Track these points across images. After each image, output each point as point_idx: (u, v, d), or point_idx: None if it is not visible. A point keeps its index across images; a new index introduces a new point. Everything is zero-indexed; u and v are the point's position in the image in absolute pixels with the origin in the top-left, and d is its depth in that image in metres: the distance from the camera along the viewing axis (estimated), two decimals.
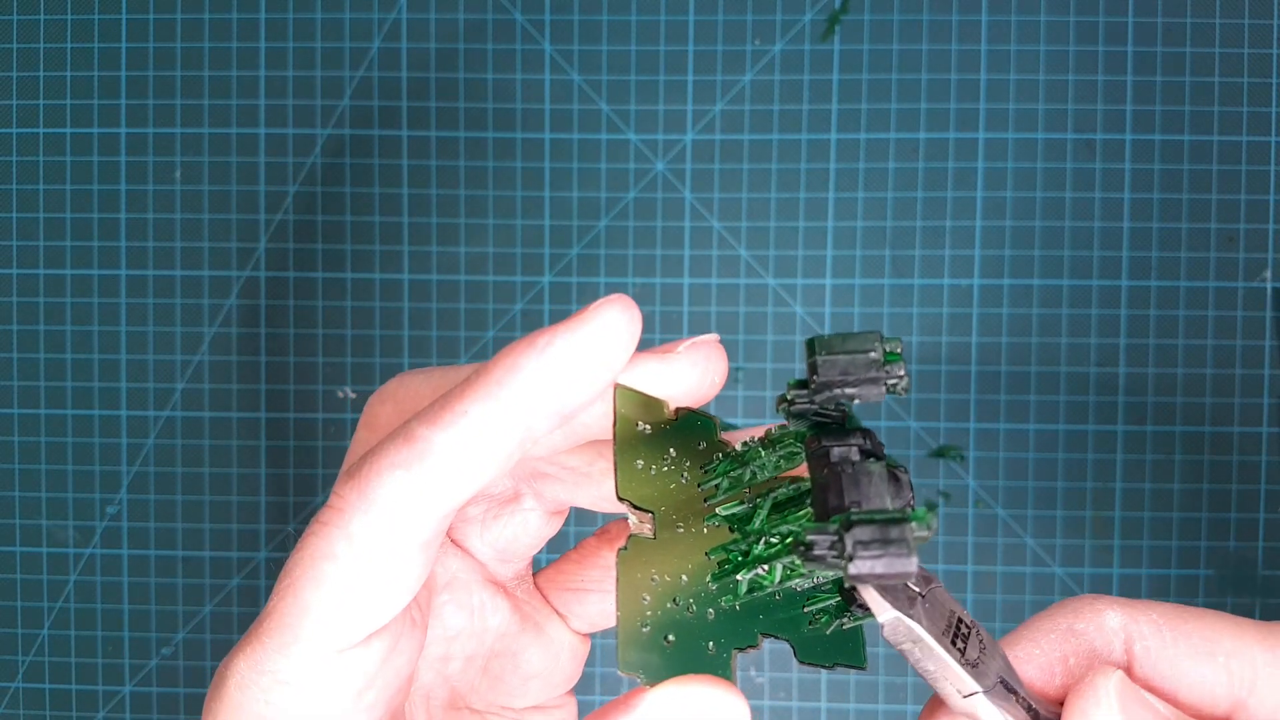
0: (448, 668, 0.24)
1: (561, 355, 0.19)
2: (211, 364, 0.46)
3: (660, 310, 0.45)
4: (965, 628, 0.19)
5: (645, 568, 0.20)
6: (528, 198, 0.45)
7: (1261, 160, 0.44)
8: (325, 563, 0.19)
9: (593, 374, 0.20)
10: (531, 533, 0.25)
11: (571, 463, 0.24)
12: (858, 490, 0.16)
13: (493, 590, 0.25)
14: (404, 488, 0.19)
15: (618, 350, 0.20)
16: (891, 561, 0.15)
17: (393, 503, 0.19)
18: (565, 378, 0.20)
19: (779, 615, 0.21)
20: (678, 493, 0.21)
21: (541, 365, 0.19)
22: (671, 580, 0.20)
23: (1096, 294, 0.44)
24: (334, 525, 0.19)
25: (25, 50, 0.46)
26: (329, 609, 0.19)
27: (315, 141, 0.46)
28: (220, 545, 0.46)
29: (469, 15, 0.45)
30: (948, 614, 0.19)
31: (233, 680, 0.20)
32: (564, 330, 0.20)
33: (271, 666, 0.19)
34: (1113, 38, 0.44)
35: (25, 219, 0.46)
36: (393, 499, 0.19)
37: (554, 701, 0.26)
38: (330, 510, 0.20)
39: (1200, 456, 0.44)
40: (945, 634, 0.18)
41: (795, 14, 0.44)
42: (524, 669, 0.25)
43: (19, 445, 0.46)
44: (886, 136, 0.44)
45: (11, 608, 0.46)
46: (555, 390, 0.20)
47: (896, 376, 0.17)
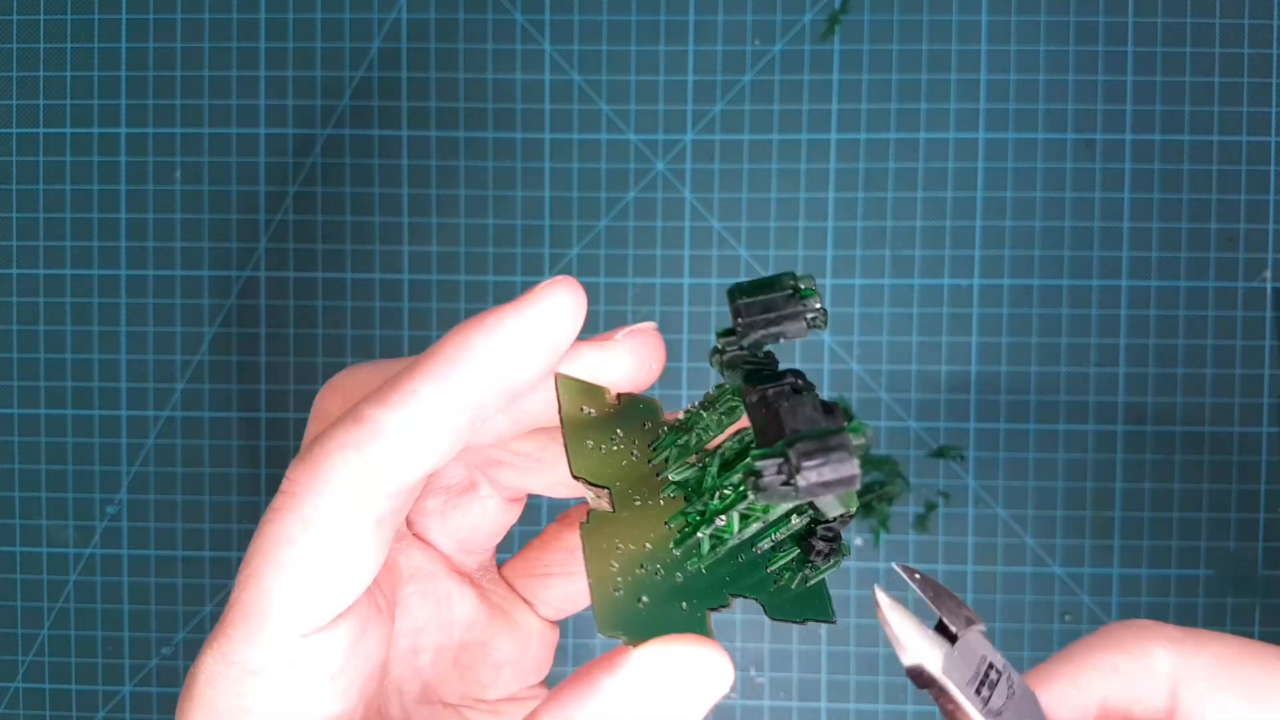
0: (418, 660, 0.24)
1: (509, 334, 0.20)
2: (211, 364, 0.46)
3: (660, 310, 0.45)
4: (996, 673, 0.19)
5: (610, 538, 0.20)
6: (528, 198, 0.45)
7: (1261, 160, 0.44)
8: (283, 548, 0.19)
9: (540, 352, 0.20)
10: (491, 521, 0.25)
11: (524, 449, 0.24)
12: (795, 419, 0.17)
13: (458, 581, 0.25)
14: (355, 467, 0.19)
15: (563, 329, 0.20)
16: (836, 468, 0.16)
17: (345, 483, 0.19)
18: (513, 356, 0.20)
19: (745, 580, 0.21)
20: (630, 469, 0.21)
21: (490, 343, 0.20)
22: (636, 549, 0.20)
23: (1096, 294, 0.44)
24: (288, 510, 0.19)
25: (25, 50, 0.46)
26: (291, 593, 0.19)
27: (315, 142, 0.46)
28: (220, 545, 0.46)
29: (469, 15, 0.45)
30: (979, 659, 0.19)
31: (202, 676, 0.20)
32: (511, 310, 0.20)
33: (239, 657, 0.19)
34: (1113, 38, 0.44)
35: (25, 219, 0.46)
36: (345, 479, 0.19)
37: (527, 692, 0.26)
38: (283, 495, 0.19)
39: (1200, 456, 0.44)
40: (971, 681, 0.19)
41: (795, 14, 0.44)
42: (494, 658, 0.25)
43: (19, 445, 0.46)
44: (886, 136, 0.45)
45: (11, 608, 0.46)
46: (503, 368, 0.20)
47: (814, 310, 0.18)
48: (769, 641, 0.45)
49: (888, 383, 0.45)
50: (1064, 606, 0.45)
